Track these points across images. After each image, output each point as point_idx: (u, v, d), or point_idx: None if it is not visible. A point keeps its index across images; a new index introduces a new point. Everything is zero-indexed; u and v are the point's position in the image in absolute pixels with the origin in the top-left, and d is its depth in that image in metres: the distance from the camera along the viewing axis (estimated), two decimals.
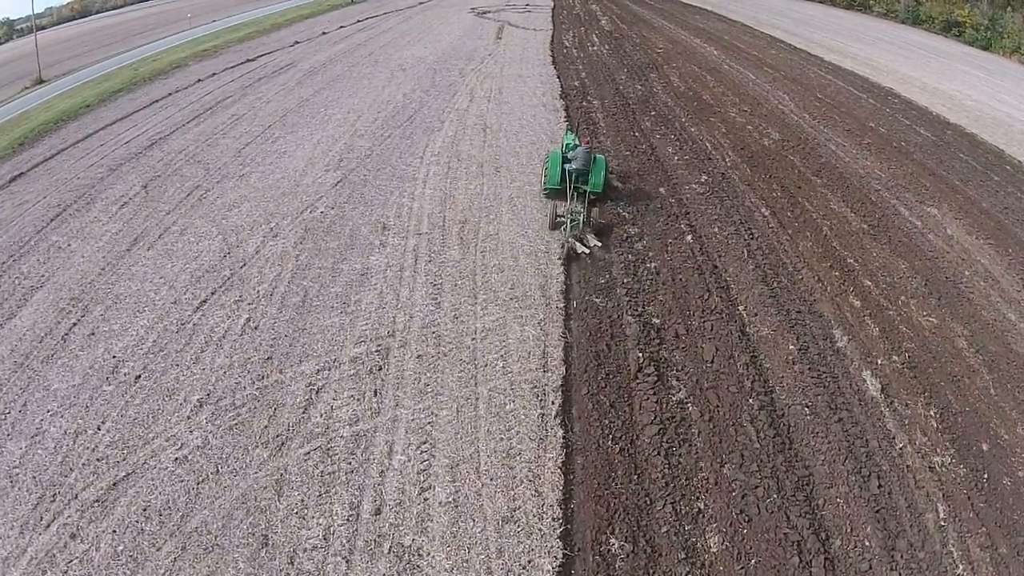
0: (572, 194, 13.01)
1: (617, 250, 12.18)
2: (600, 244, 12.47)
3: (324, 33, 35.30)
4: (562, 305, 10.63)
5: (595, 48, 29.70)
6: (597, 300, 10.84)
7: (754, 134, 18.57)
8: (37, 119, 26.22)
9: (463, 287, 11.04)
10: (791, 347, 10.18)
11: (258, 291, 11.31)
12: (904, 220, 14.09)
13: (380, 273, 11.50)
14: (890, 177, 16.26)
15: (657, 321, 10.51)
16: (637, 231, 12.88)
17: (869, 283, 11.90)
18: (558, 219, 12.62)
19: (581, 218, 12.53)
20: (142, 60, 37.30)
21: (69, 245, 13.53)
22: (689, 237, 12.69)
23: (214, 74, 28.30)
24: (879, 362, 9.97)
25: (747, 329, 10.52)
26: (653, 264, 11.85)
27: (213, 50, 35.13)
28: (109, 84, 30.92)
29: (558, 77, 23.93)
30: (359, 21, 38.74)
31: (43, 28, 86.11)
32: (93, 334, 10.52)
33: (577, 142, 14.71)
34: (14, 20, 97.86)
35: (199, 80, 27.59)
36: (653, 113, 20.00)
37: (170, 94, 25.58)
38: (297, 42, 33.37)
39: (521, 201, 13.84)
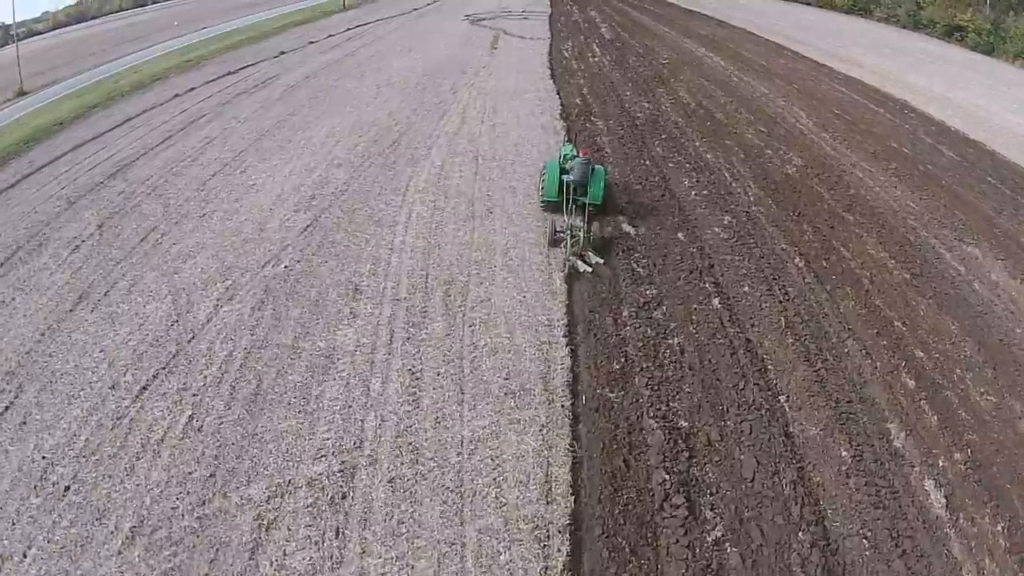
0: (571, 207, 11.95)
1: (633, 321, 9.80)
2: (602, 261, 11.31)
3: (312, 42, 32.62)
4: (568, 402, 8.26)
5: (596, 59, 27.18)
6: (611, 394, 8.49)
7: (775, 160, 16.25)
8: (9, 138, 23.75)
9: (447, 377, 8.68)
10: (843, 452, 7.93)
11: (205, 376, 8.98)
12: (946, 265, 11.91)
13: (348, 356, 9.14)
14: (923, 210, 14.02)
15: (685, 424, 8.18)
16: (655, 293, 10.52)
17: (921, 353, 9.68)
18: (557, 235, 11.59)
19: (581, 234, 11.42)
20: (125, 71, 34.76)
21: (13, 299, 11.24)
22: (716, 301, 10.35)
23: (193, 88, 25.77)
24: (941, 464, 7.83)
25: (791, 429, 8.23)
26: (676, 340, 9.50)
27: (197, 60, 32.53)
28: (87, 98, 28.49)
29: (558, 93, 21.47)
30: (349, 29, 36.05)
31: (39, 33, 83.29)
32: (25, 423, 8.35)
33: (575, 153, 13.43)
34: (9, 25, 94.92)
35: (177, 95, 25.06)
36: (664, 136, 17.59)
37: (145, 111, 23.12)
38: (283, 52, 30.72)
39: (517, 252, 11.45)
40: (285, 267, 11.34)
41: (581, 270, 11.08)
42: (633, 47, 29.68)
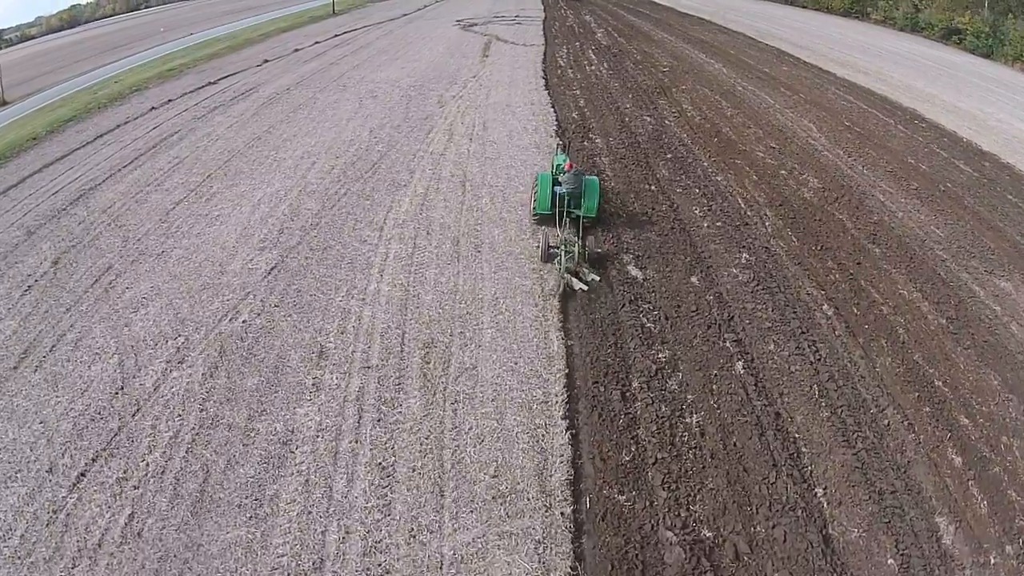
0: (564, 221, 11.38)
1: (644, 395, 8.10)
2: (598, 279, 10.39)
3: (297, 50, 30.78)
4: (569, 508, 6.62)
5: (593, 67, 25.37)
6: (620, 496, 6.82)
7: (790, 182, 14.61)
8: None
9: (425, 475, 6.99)
10: (890, 560, 6.45)
11: (148, 463, 7.37)
12: (981, 306, 10.44)
13: (308, 442, 7.47)
14: (950, 237, 12.50)
15: (708, 534, 6.53)
16: (668, 356, 8.81)
17: (965, 420, 8.17)
18: (551, 250, 10.73)
19: (576, 249, 10.60)
20: (105, 81, 32.91)
21: None
22: (739, 365, 8.66)
23: (170, 101, 23.98)
24: (992, 560, 6.48)
25: (830, 531, 6.67)
26: (695, 417, 7.84)
27: (179, 70, 30.68)
28: (64, 111, 26.72)
29: (552, 106, 19.69)
30: (336, 36, 34.17)
31: (32, 38, 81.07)
32: None
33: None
34: (4, 29, 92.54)
35: (153, 108, 23.28)
36: (669, 155, 15.81)
37: (119, 125, 21.39)
38: (266, 60, 28.90)
39: (507, 304, 9.71)
40: (243, 322, 9.65)
41: (576, 288, 10.04)
42: (631, 53, 27.92)
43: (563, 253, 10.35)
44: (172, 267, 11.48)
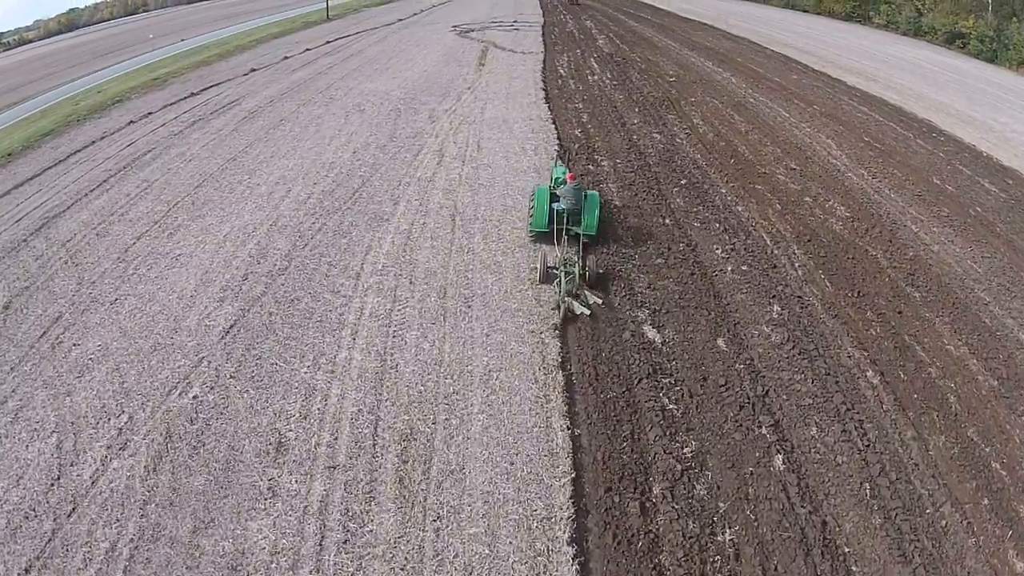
0: (563, 239, 10.67)
1: (667, 505, 6.44)
2: (600, 301, 9.58)
3: (287, 57, 29.07)
4: None
5: (596, 77, 23.59)
6: None
7: (816, 211, 12.94)
8: None
9: None
10: None
11: None
12: None
13: (261, 570, 5.84)
14: (988, 272, 11.04)
15: None
16: (695, 448, 7.15)
17: None
18: (550, 271, 9.93)
19: (576, 270, 9.80)
20: (89, 91, 31.22)
21: None
22: (779, 459, 6.99)
23: (150, 114, 22.32)
24: None
25: None
26: (728, 534, 6.18)
27: (164, 79, 28.97)
28: (43, 123, 25.13)
29: (553, 121, 17.99)
30: (328, 42, 32.41)
31: (30, 42, 79.11)
32: None
33: (567, 176, 11.63)
34: (3, 33, 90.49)
35: (131, 122, 21.63)
36: (683, 180, 14.08)
37: (95, 141, 19.78)
38: (254, 69, 27.18)
39: (503, 378, 8.02)
40: (194, 398, 8.03)
41: (578, 312, 9.23)
42: (635, 62, 26.18)
43: (563, 274, 9.52)
44: (123, 320, 9.84)
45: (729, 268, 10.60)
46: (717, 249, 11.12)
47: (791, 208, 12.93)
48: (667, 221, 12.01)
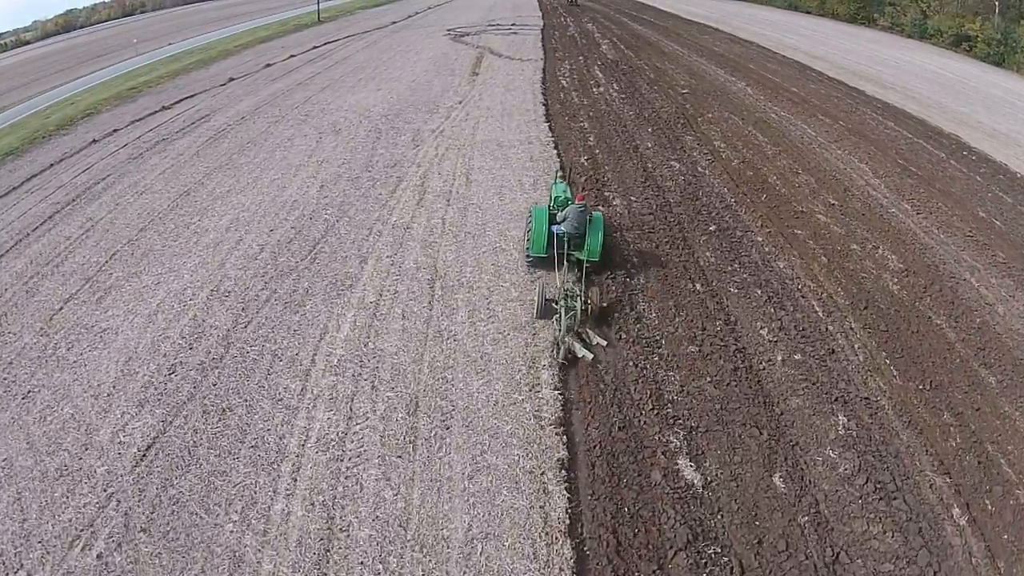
0: (564, 266, 9.27)
1: None
2: (605, 343, 8.22)
3: (269, 65, 26.23)
4: None
5: (602, 89, 20.70)
6: None
7: (866, 263, 10.34)
8: None
9: None
10: None
11: None
12: None
13: None
14: None
15: None
16: None
17: None
18: (548, 304, 8.53)
19: (579, 304, 8.36)
20: (63, 102, 28.45)
21: None
22: None
23: (115, 131, 19.70)
24: None
25: None
26: None
27: (140, 88, 26.22)
28: (9, 139, 22.51)
29: (555, 145, 15.20)
30: (315, 48, 29.48)
31: (27, 43, 75.83)
32: None
33: (569, 194, 10.22)
34: (2, 33, 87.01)
35: (94, 141, 19.07)
36: (712, 225, 11.37)
37: (52, 164, 17.30)
38: (232, 79, 24.38)
39: (490, 551, 5.52)
40: (99, 556, 5.61)
41: (580, 356, 7.90)
42: (642, 70, 23.34)
43: (563, 309, 8.11)
44: (33, 425, 7.36)
45: (779, 357, 8.03)
46: (762, 328, 8.52)
47: (838, 260, 10.36)
48: (698, 286, 9.36)
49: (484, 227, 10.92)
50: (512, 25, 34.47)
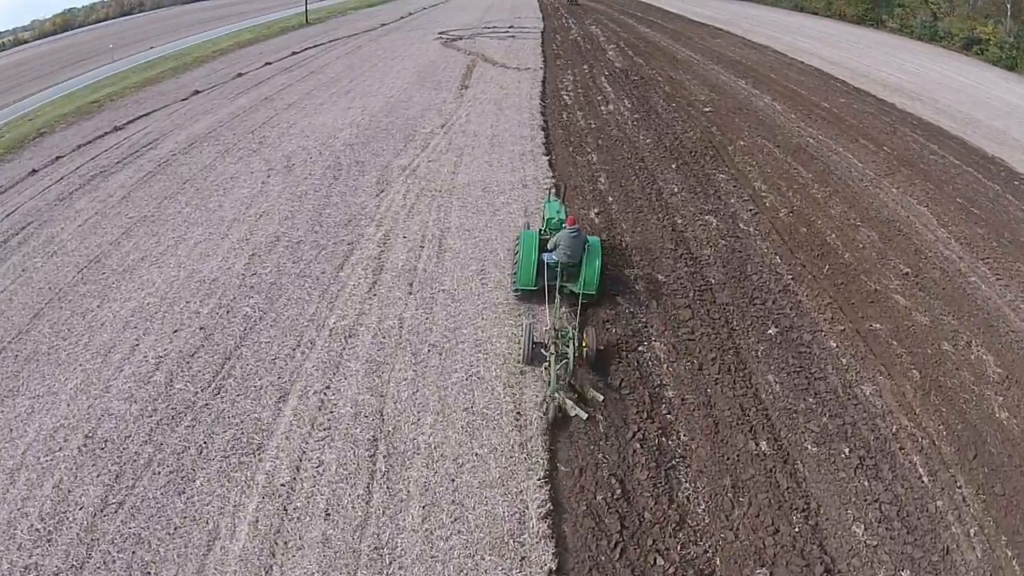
0: (556, 301, 7.17)
1: None
2: (601, 397, 6.30)
3: (240, 75, 22.65)
4: None
5: (611, 108, 17.20)
6: None
7: (964, 374, 7.07)
8: None
9: None
10: None
11: None
12: None
13: None
14: None
15: None
16: None
17: None
18: (537, 348, 6.70)
19: (571, 349, 6.37)
20: (23, 116, 24.89)
21: None
22: None
23: (58, 158, 16.42)
24: None
25: None
26: None
27: (101, 102, 22.72)
28: None
29: (558, 191, 11.54)
30: (294, 54, 25.79)
31: (25, 43, 71.57)
32: None
33: (563, 216, 8.32)
34: (1, 33, 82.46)
35: (33, 171, 15.74)
36: (772, 329, 7.86)
37: None
38: (197, 91, 20.82)
39: None
40: None
41: (572, 415, 6.13)
42: (656, 82, 19.83)
43: (553, 355, 6.38)
44: None
45: (871, 556, 4.83)
46: (856, 525, 5.18)
47: (932, 373, 7.15)
48: (762, 445, 6.02)
49: (456, 335, 7.51)
50: (509, 28, 30.67)
